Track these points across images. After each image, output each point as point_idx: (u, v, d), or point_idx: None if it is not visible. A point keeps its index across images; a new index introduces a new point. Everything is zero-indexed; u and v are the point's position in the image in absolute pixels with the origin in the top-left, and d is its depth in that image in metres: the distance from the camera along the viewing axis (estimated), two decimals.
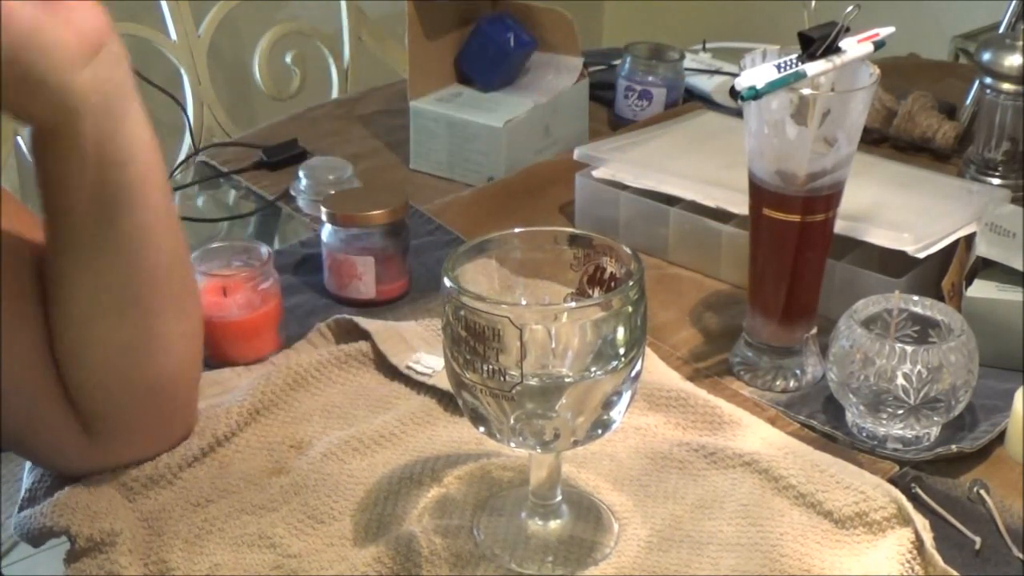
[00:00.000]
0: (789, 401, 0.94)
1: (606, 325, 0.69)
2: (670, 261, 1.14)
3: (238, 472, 0.84)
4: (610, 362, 0.70)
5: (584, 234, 0.75)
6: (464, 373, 0.70)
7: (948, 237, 1.02)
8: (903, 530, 0.77)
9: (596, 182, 1.17)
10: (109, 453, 0.82)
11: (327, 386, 0.93)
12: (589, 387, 0.70)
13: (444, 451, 0.85)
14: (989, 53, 1.21)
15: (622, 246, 0.74)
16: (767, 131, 0.88)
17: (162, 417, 0.83)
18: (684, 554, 0.77)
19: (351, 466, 0.84)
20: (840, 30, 0.86)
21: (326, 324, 0.99)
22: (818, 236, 0.92)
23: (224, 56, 2.04)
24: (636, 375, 0.72)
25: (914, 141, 1.35)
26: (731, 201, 1.07)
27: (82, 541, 0.77)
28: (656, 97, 1.41)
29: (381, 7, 1.86)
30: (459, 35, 1.35)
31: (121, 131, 0.73)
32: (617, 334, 0.70)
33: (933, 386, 0.85)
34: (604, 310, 0.69)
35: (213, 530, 0.79)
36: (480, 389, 0.70)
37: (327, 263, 1.06)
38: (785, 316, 0.94)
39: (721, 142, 1.20)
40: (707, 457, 0.85)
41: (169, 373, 0.81)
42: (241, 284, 0.95)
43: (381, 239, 1.04)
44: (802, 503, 0.81)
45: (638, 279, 0.70)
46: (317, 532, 0.79)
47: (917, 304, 0.90)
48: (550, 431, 0.71)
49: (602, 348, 0.70)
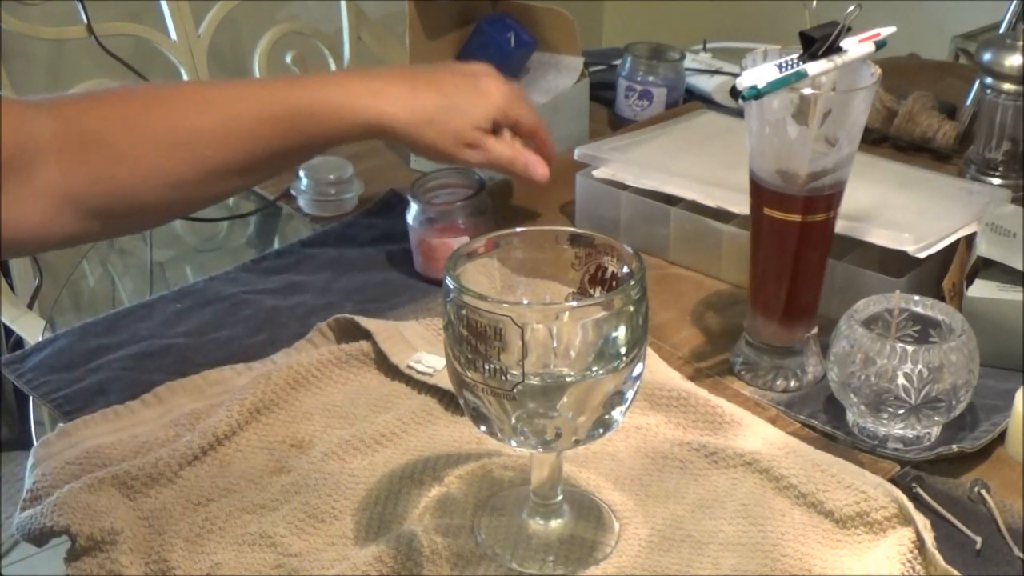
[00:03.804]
0: (790, 401, 0.94)
1: (607, 324, 0.69)
2: (671, 261, 1.14)
3: (239, 471, 0.84)
4: (612, 361, 0.70)
5: (585, 233, 0.75)
6: (466, 372, 0.70)
7: (949, 237, 1.02)
8: (904, 530, 0.77)
9: (596, 182, 1.17)
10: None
11: (328, 385, 0.93)
12: (591, 386, 0.70)
13: (445, 451, 0.85)
14: (989, 53, 1.21)
15: (623, 245, 0.74)
16: (768, 131, 0.88)
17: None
18: (685, 554, 0.77)
19: (352, 465, 0.84)
20: (841, 30, 0.86)
21: (327, 323, 0.99)
22: (819, 236, 0.92)
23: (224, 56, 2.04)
24: (638, 375, 0.72)
25: (914, 141, 1.35)
26: (732, 201, 1.07)
27: (82, 540, 0.77)
28: (656, 97, 1.41)
29: (381, 7, 1.86)
30: (459, 35, 1.34)
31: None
32: (619, 333, 0.70)
33: (934, 386, 0.85)
34: (605, 309, 0.69)
35: (214, 529, 0.79)
36: (482, 388, 0.70)
37: (419, 249, 1.10)
38: (786, 316, 0.94)
39: (722, 142, 1.20)
40: (708, 457, 0.85)
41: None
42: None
43: (469, 218, 1.09)
44: (803, 503, 0.81)
45: (639, 278, 0.70)
46: (318, 531, 0.79)
47: (918, 304, 0.91)
48: (551, 430, 0.71)
49: (603, 347, 0.70)
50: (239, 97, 0.94)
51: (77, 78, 1.59)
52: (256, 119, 0.92)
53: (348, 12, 1.76)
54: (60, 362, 0.99)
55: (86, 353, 1.00)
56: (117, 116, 0.90)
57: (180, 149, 0.90)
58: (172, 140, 0.90)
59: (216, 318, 1.05)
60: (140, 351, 1.00)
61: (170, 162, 0.90)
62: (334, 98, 0.95)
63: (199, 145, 0.90)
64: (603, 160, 1.17)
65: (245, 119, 0.92)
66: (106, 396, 0.94)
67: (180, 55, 1.63)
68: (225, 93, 0.94)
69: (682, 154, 1.19)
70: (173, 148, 0.90)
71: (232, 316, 1.05)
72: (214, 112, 0.92)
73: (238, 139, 0.92)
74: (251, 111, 0.93)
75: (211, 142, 0.91)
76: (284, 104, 0.94)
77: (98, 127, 0.89)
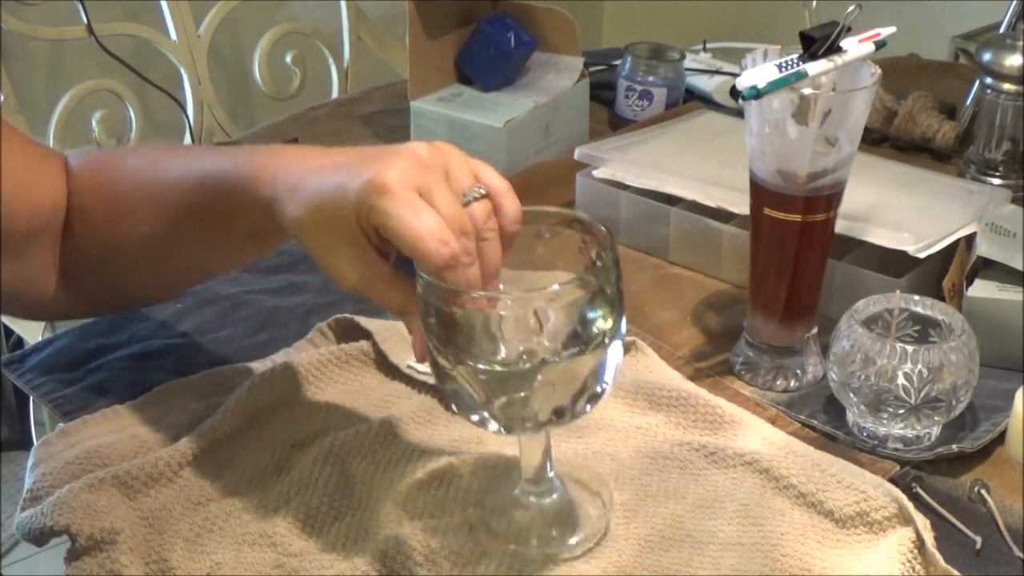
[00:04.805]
0: (790, 401, 0.94)
1: (583, 304, 0.70)
2: (671, 261, 1.14)
3: (239, 471, 0.84)
4: (591, 340, 0.70)
5: (579, 216, 0.76)
6: (445, 360, 0.70)
7: (948, 237, 1.02)
8: (904, 530, 0.77)
9: (596, 182, 1.17)
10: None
11: (328, 386, 0.93)
12: (569, 366, 0.71)
13: (445, 450, 0.85)
14: (989, 53, 1.21)
15: (596, 225, 0.74)
16: (768, 131, 0.88)
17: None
18: (685, 553, 0.77)
19: (352, 465, 0.84)
20: (841, 30, 0.86)
21: (327, 323, 0.99)
22: (819, 236, 0.92)
23: (224, 56, 2.04)
24: (611, 357, 0.72)
25: (914, 141, 1.35)
26: (732, 201, 1.07)
27: (82, 540, 0.77)
28: (656, 97, 1.41)
29: (381, 7, 1.86)
30: (459, 35, 1.34)
31: None
32: (596, 312, 0.70)
33: (934, 386, 0.85)
34: (583, 290, 0.70)
35: (214, 529, 0.80)
36: (461, 376, 0.70)
37: None
38: (786, 316, 0.94)
39: (722, 142, 1.20)
40: (708, 457, 0.85)
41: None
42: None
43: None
44: (803, 503, 0.81)
45: (610, 255, 0.71)
46: (318, 531, 0.79)
47: (918, 304, 0.91)
48: (537, 411, 0.71)
49: (581, 327, 0.70)
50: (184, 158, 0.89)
51: (77, 78, 1.59)
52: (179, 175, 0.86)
53: (348, 12, 1.76)
54: (60, 362, 0.98)
55: (86, 353, 1.00)
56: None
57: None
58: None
59: (216, 318, 1.05)
60: (140, 351, 1.00)
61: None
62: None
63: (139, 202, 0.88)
64: (603, 160, 1.17)
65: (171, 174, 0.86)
66: (106, 396, 0.93)
67: (180, 55, 1.62)
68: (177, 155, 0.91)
69: (682, 154, 1.19)
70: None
71: (232, 316, 1.05)
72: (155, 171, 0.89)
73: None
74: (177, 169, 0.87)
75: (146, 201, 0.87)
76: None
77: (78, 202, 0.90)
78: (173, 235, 0.86)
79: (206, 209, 0.82)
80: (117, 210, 0.89)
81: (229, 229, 0.83)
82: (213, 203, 0.82)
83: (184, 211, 0.84)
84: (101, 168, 0.92)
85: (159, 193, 0.86)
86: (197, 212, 0.83)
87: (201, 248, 0.87)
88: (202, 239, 0.85)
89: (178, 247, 0.87)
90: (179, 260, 0.89)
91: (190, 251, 0.87)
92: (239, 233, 0.84)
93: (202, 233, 0.85)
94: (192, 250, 0.87)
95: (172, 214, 0.85)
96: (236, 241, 0.85)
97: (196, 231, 0.85)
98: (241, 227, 0.83)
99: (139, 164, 0.90)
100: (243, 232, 0.84)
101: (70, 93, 1.54)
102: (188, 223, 0.84)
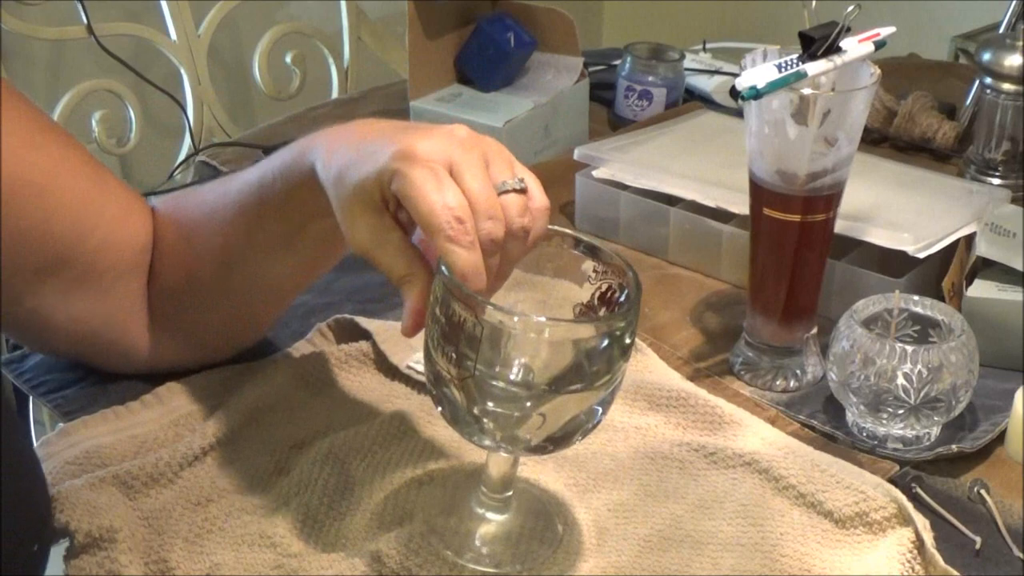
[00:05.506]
0: (789, 401, 0.94)
1: (591, 344, 0.69)
2: (670, 261, 1.14)
3: (239, 471, 0.84)
4: (589, 380, 0.69)
5: (605, 250, 0.74)
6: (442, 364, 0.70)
7: (948, 237, 1.02)
8: (903, 530, 0.77)
9: (596, 182, 1.17)
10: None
11: (327, 386, 0.93)
12: (565, 401, 0.70)
13: (445, 451, 0.85)
14: (989, 53, 1.21)
15: (629, 271, 0.72)
16: (767, 131, 0.88)
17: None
18: (684, 554, 0.77)
19: (351, 466, 0.84)
20: (841, 30, 0.86)
21: (326, 324, 0.99)
22: (818, 236, 0.92)
23: (224, 56, 2.04)
24: (612, 395, 0.72)
25: (914, 141, 1.35)
26: (731, 201, 1.08)
27: (81, 537, 0.77)
28: (656, 97, 1.41)
29: (381, 7, 1.86)
30: (459, 35, 1.34)
31: None
32: (600, 356, 0.69)
33: (933, 386, 0.85)
34: (596, 332, 0.69)
35: (214, 529, 0.79)
36: (456, 384, 0.70)
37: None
38: (785, 316, 0.94)
39: (721, 142, 1.20)
40: (707, 457, 0.85)
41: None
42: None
43: None
44: (802, 503, 0.81)
45: (634, 304, 0.70)
46: (318, 531, 0.79)
47: (917, 304, 0.91)
48: (522, 434, 0.71)
49: (583, 366, 0.69)
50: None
51: (77, 78, 1.59)
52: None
53: (348, 12, 1.75)
54: (60, 362, 0.98)
55: None
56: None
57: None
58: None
59: None
60: None
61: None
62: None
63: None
64: (603, 160, 1.17)
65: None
66: (106, 396, 0.93)
67: (180, 55, 1.62)
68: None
69: (682, 154, 1.19)
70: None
71: None
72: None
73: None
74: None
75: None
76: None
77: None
78: (247, 247, 0.86)
79: (268, 204, 0.83)
80: (195, 238, 0.89)
81: (292, 220, 0.83)
82: (272, 193, 0.82)
83: (251, 215, 0.84)
84: (179, 203, 0.93)
85: (228, 206, 0.86)
86: (262, 210, 0.83)
87: (275, 259, 0.86)
88: (274, 245, 0.85)
89: (252, 259, 0.86)
90: (255, 278, 0.88)
91: (264, 263, 0.87)
92: (299, 220, 0.83)
93: (272, 238, 0.84)
94: (266, 262, 0.86)
95: (243, 224, 0.85)
96: (307, 245, 0.85)
97: (266, 237, 0.84)
98: (298, 210, 0.82)
99: (212, 188, 0.91)
100: (303, 216, 0.82)
101: (70, 93, 1.54)
102: (259, 232, 0.84)
